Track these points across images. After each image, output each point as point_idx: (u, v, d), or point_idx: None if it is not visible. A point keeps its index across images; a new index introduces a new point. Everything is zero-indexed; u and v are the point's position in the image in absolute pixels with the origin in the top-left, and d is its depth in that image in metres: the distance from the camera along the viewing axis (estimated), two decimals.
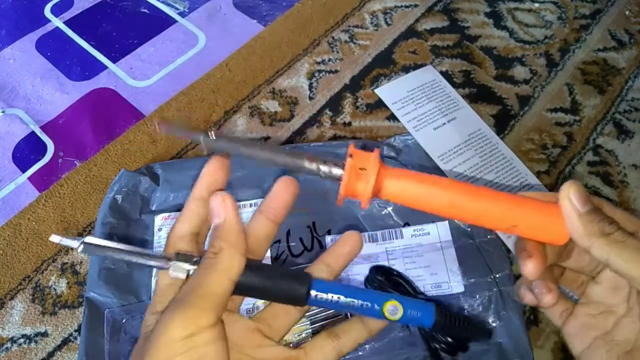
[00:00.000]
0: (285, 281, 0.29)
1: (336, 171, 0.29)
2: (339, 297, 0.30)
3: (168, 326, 0.24)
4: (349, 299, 0.30)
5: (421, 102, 0.63)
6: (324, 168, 0.29)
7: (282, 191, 0.31)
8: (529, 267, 0.28)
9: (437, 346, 0.44)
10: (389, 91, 0.65)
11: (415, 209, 0.30)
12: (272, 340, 0.31)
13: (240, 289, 0.29)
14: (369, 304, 0.30)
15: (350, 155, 0.28)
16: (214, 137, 0.29)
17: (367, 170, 0.28)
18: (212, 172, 0.30)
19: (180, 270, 0.28)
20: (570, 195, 0.28)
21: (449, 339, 0.43)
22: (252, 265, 0.29)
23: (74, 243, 0.27)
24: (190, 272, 0.28)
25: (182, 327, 0.24)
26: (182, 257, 0.28)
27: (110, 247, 0.28)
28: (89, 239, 0.27)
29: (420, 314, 0.30)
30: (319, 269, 0.32)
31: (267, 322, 0.31)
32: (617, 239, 0.27)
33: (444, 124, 0.61)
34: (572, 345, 0.32)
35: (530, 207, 0.29)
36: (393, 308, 0.30)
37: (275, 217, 0.32)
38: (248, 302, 0.46)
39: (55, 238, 0.28)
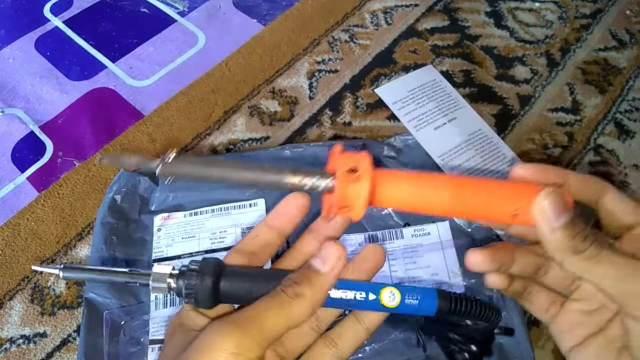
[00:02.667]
0: (274, 283, 0.28)
1: (325, 182, 0.25)
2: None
3: (220, 345, 0.24)
4: (340, 291, 0.28)
5: (421, 102, 0.63)
6: (309, 181, 0.25)
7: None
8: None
9: (460, 357, 0.40)
10: (389, 91, 0.65)
11: (412, 211, 0.27)
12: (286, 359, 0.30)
13: (230, 296, 0.28)
14: (364, 294, 0.28)
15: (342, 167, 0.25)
16: (170, 161, 0.25)
17: (359, 174, 0.25)
18: (292, 207, 0.30)
19: (161, 282, 0.28)
20: (544, 207, 0.26)
21: (473, 347, 0.36)
22: (237, 271, 0.29)
23: (54, 270, 0.28)
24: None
25: (233, 354, 0.24)
26: None
27: (89, 269, 0.29)
28: (68, 265, 0.29)
29: (420, 298, 0.28)
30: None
31: (280, 341, 0.30)
32: (590, 255, 0.26)
33: (445, 123, 0.61)
34: (561, 342, 0.31)
35: (531, 190, 0.26)
36: (390, 293, 0.28)
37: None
38: None
39: (36, 267, 0.30)
